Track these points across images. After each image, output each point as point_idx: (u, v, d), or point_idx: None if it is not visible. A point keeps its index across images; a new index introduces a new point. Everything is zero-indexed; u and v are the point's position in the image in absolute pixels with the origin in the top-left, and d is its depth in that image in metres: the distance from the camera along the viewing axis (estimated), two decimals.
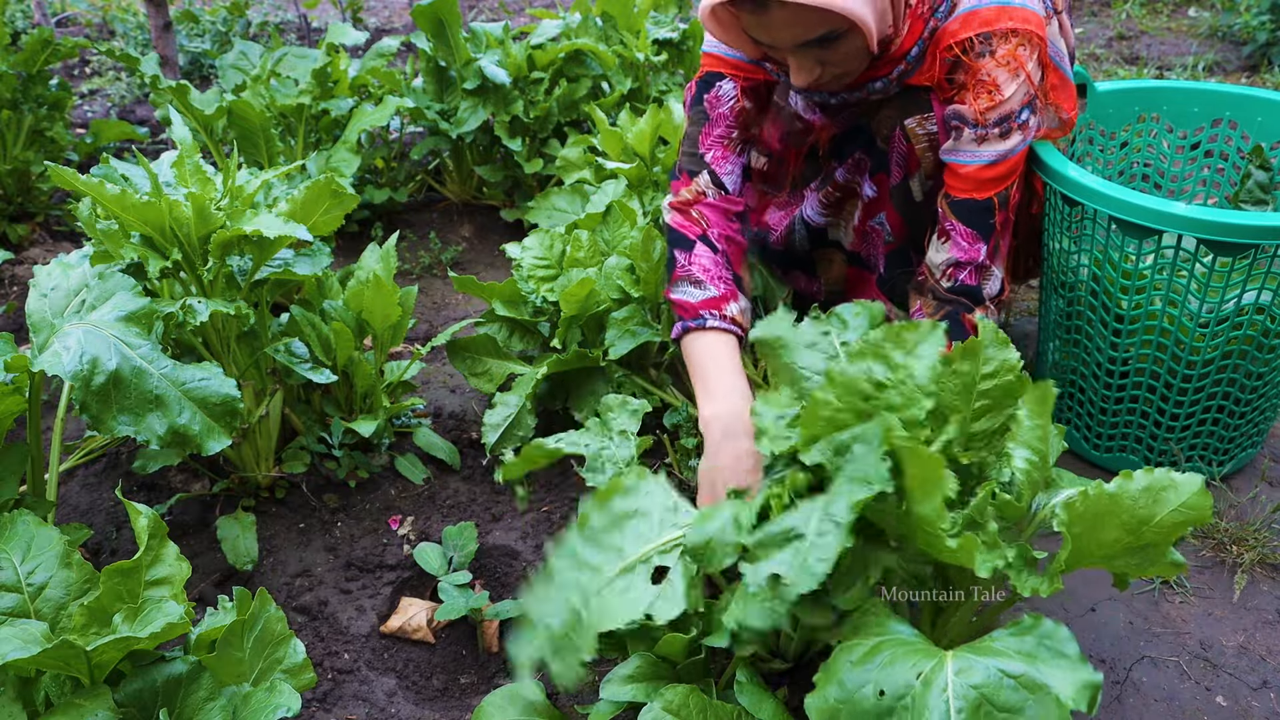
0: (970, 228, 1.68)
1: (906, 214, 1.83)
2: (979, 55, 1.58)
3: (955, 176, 1.67)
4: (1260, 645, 1.57)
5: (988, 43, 1.57)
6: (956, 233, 1.68)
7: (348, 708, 1.50)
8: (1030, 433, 1.13)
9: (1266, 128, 1.96)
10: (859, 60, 1.58)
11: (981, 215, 1.67)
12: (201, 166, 1.70)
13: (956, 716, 0.92)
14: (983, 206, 1.67)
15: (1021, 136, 1.63)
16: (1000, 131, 1.61)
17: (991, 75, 1.58)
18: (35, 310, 1.55)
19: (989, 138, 1.62)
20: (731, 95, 1.79)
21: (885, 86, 1.68)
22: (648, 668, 1.28)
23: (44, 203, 3.09)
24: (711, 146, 1.80)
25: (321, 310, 1.92)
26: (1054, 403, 1.13)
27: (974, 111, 1.60)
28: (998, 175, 1.64)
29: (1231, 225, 1.50)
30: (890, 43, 1.61)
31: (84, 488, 1.95)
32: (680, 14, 3.67)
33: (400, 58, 4.89)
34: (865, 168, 1.85)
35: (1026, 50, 1.57)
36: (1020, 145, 1.63)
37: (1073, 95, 1.77)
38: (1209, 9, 5.11)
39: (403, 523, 1.88)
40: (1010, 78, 1.58)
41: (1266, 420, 1.86)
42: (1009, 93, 1.58)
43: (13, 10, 5.48)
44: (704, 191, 1.79)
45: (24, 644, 1.06)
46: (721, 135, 1.80)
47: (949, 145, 1.67)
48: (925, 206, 1.79)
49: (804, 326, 1.34)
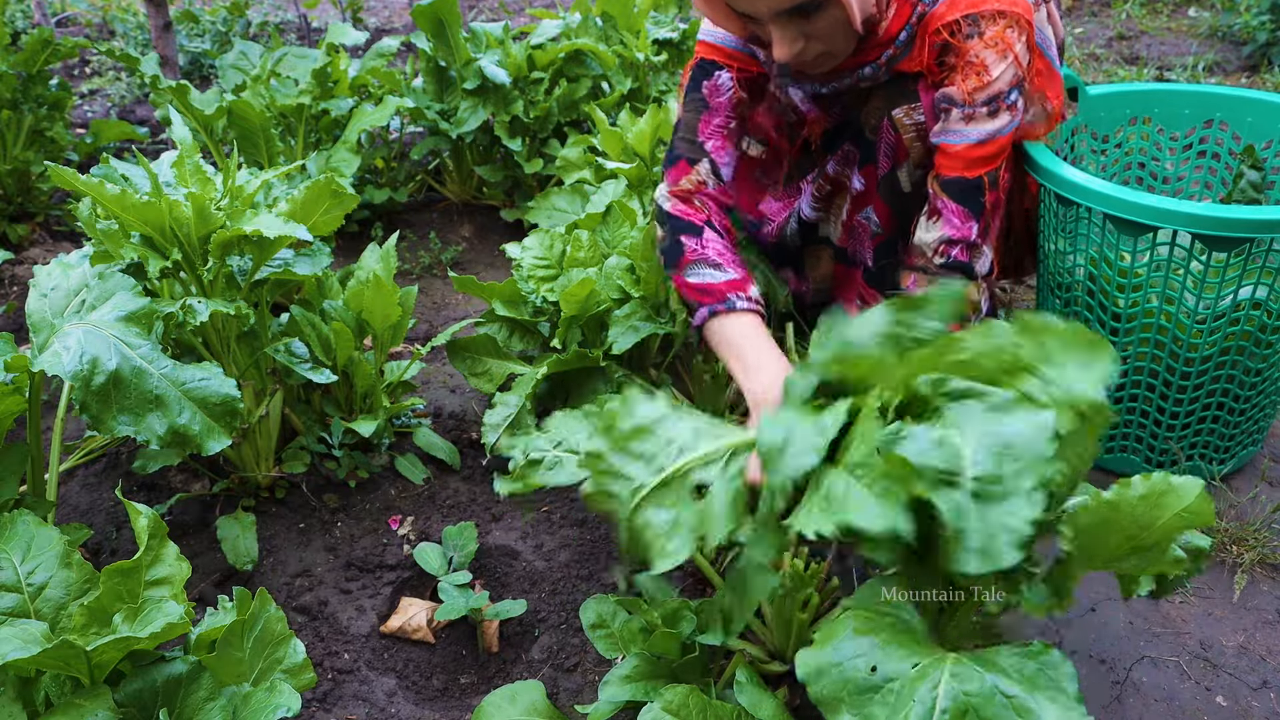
0: (962, 205, 1.69)
1: (894, 205, 1.84)
2: (967, 37, 1.59)
3: (945, 156, 1.69)
4: (1260, 645, 1.57)
5: (975, 24, 1.59)
6: (948, 210, 1.70)
7: (348, 708, 1.50)
8: None
9: (1257, 128, 1.96)
10: (844, 37, 1.59)
11: (972, 194, 1.68)
12: (201, 166, 1.70)
13: (940, 716, 0.91)
14: (973, 185, 1.68)
15: (1010, 117, 1.64)
16: (988, 111, 1.62)
17: (980, 57, 1.59)
18: (35, 310, 1.55)
19: (977, 117, 1.63)
20: (729, 86, 1.80)
21: (874, 72, 1.69)
22: (646, 667, 1.28)
23: (44, 203, 3.09)
24: (711, 136, 1.81)
25: (321, 310, 1.92)
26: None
27: (962, 92, 1.61)
28: (986, 155, 1.66)
29: (1226, 219, 1.50)
30: (876, 24, 1.62)
31: (84, 488, 1.95)
32: (680, 14, 3.67)
33: (400, 58, 4.90)
34: (855, 160, 1.86)
35: (1014, 32, 1.59)
36: (1009, 126, 1.65)
37: (1059, 85, 1.79)
38: (1209, 9, 5.11)
39: (403, 523, 1.88)
40: (998, 59, 1.59)
41: (1266, 418, 1.87)
42: (997, 73, 1.60)
43: (13, 10, 5.48)
44: (704, 181, 1.79)
45: (24, 644, 1.06)
46: (720, 125, 1.81)
47: (938, 127, 1.68)
48: (913, 197, 1.80)
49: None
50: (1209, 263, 1.59)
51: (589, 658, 1.58)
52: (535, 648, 1.61)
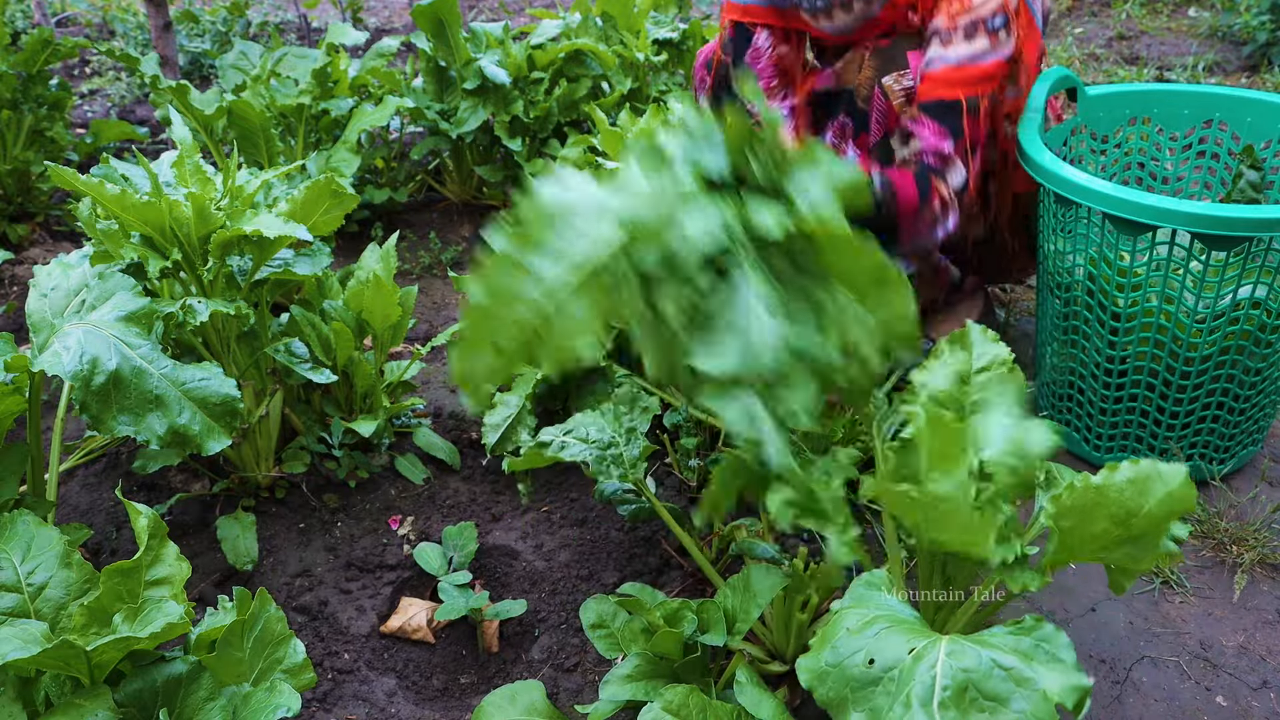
0: (937, 122, 1.74)
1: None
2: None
3: (925, 82, 1.75)
4: (1260, 645, 1.57)
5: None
6: (923, 127, 1.75)
7: (348, 708, 1.50)
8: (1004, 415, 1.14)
9: (1257, 128, 1.97)
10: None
11: (949, 113, 1.73)
12: (201, 166, 1.70)
13: (941, 693, 0.91)
14: (950, 105, 1.73)
15: (990, 44, 1.70)
16: (967, 34, 1.70)
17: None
18: (35, 310, 1.55)
19: (955, 40, 1.70)
20: (767, 46, 1.95)
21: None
22: (646, 667, 1.28)
23: (44, 203, 3.09)
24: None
25: (321, 310, 1.92)
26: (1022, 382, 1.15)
27: (946, 19, 1.71)
28: (966, 78, 1.71)
29: (1226, 219, 1.50)
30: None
31: (84, 488, 1.95)
32: (680, 14, 3.67)
33: (400, 58, 4.89)
34: (850, 133, 1.92)
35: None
36: (991, 54, 1.71)
37: (1038, 43, 1.86)
38: (1209, 9, 5.11)
39: (403, 523, 1.88)
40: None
41: (1266, 418, 1.87)
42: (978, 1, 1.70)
43: (13, 10, 5.48)
44: None
45: (24, 644, 1.06)
46: (763, 87, 1.96)
47: (923, 61, 1.75)
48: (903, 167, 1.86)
49: None
50: (1209, 262, 1.59)
51: (589, 658, 1.58)
52: (535, 648, 1.61)
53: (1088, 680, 0.91)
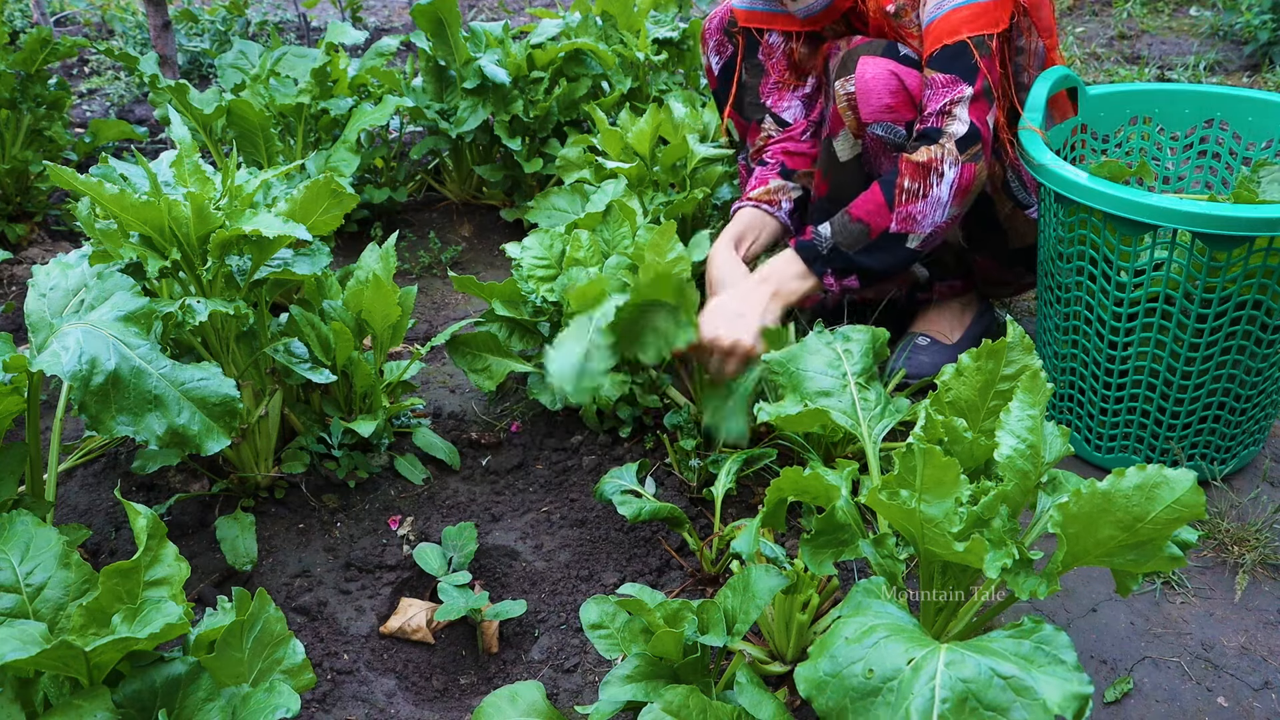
0: (947, 73, 1.74)
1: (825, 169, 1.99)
2: None
3: (928, 37, 1.76)
4: (1262, 646, 1.56)
5: None
6: (935, 85, 1.75)
7: (347, 708, 1.49)
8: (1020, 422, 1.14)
9: (1258, 128, 1.96)
10: None
11: (958, 57, 1.73)
12: (200, 166, 1.70)
13: (941, 706, 0.91)
14: (957, 48, 1.73)
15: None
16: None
17: None
18: (34, 310, 1.55)
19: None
20: (779, 44, 2.06)
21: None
22: (646, 667, 1.28)
23: (43, 202, 3.09)
24: (770, 93, 2.11)
25: (321, 310, 1.92)
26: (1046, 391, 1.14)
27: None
28: (969, 15, 1.71)
29: (1226, 218, 1.50)
30: None
31: (83, 488, 1.95)
32: (680, 13, 3.67)
33: (400, 57, 4.89)
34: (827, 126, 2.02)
35: None
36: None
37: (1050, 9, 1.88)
38: (1210, 8, 5.11)
39: (402, 523, 1.88)
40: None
41: (1268, 418, 1.86)
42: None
43: (11, 9, 5.48)
44: (770, 134, 2.13)
45: (23, 644, 1.05)
46: (777, 81, 2.09)
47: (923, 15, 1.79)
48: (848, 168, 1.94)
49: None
50: (1209, 262, 1.59)
51: (589, 658, 1.58)
52: (535, 648, 1.61)
53: (1088, 686, 0.91)
